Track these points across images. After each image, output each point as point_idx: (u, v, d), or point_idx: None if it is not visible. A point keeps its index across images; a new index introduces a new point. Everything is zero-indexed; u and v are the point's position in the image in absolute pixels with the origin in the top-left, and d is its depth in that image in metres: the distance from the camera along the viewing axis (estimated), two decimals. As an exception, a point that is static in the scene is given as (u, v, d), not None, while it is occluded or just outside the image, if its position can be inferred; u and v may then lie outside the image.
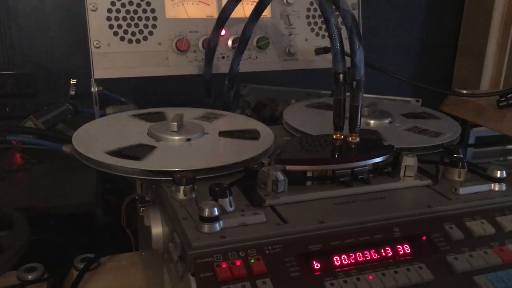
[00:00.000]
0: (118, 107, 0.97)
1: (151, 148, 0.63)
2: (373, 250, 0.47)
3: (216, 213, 0.47)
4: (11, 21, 1.06)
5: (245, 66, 0.88)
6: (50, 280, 0.69)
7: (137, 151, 0.62)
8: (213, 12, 0.86)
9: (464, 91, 0.89)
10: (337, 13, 0.61)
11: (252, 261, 0.44)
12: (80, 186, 0.86)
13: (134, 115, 0.76)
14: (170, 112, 0.76)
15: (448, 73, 1.47)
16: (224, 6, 0.79)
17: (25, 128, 0.93)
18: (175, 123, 0.66)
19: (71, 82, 1.03)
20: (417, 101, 1.06)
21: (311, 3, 0.92)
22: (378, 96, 1.06)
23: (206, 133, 0.68)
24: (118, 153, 0.61)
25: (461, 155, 0.63)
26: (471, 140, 1.20)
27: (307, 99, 1.00)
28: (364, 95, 1.03)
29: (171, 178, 0.55)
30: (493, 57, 1.32)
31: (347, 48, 0.61)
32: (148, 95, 1.11)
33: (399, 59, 1.39)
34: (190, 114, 0.75)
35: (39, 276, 0.69)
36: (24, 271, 0.69)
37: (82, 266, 0.71)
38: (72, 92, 1.04)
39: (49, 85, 1.14)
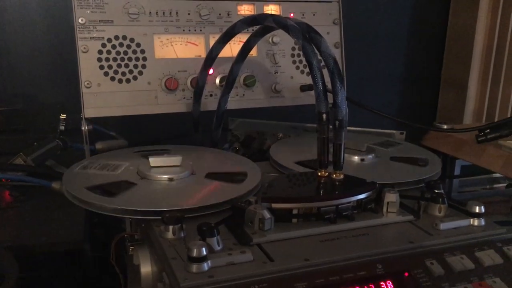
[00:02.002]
0: (107, 142, 0.98)
1: (131, 185, 0.64)
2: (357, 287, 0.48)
3: (204, 253, 0.48)
4: (1, 56, 1.08)
5: (232, 104, 0.90)
6: (39, 318, 0.69)
7: (115, 188, 0.63)
8: (201, 51, 0.88)
9: (445, 126, 0.92)
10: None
11: (239, 300, 0.45)
12: (69, 223, 0.87)
13: (136, 152, 0.77)
14: (175, 150, 0.78)
15: (433, 104, 1.50)
16: (211, 48, 0.81)
17: (14, 165, 0.93)
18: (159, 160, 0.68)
19: (60, 117, 1.05)
20: (401, 133, 1.08)
21: (296, 43, 0.95)
22: (362, 129, 1.09)
23: (193, 174, 0.70)
24: (96, 188, 0.62)
25: (442, 191, 0.65)
26: (457, 169, 1.23)
27: (293, 134, 1.02)
28: (350, 128, 1.07)
29: (159, 217, 0.56)
30: (476, 89, 1.35)
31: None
32: (138, 130, 1.13)
33: (384, 90, 1.42)
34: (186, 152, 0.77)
35: (28, 316, 0.69)
36: (12, 311, 0.69)
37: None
38: (62, 127, 1.05)
39: (39, 120, 1.15)
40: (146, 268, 0.57)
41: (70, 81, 0.95)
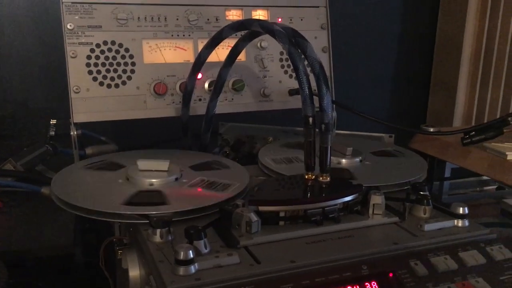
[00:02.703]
0: (98, 147, 0.98)
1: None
2: (342, 288, 0.49)
3: (191, 255, 0.49)
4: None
5: (221, 108, 0.91)
6: (28, 324, 0.69)
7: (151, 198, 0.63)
8: (189, 56, 0.89)
9: (431, 129, 0.93)
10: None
11: (225, 302, 0.46)
12: (59, 228, 0.87)
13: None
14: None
15: (423, 107, 1.51)
16: (199, 53, 0.82)
17: (3, 171, 0.93)
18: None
19: (51, 122, 1.05)
20: (390, 136, 1.10)
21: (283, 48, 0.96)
22: (351, 132, 1.10)
23: (181, 176, 0.70)
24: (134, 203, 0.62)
25: (427, 193, 0.66)
26: (447, 172, 1.24)
27: (282, 138, 1.03)
28: (339, 131, 1.08)
29: (147, 221, 0.56)
30: (465, 92, 1.37)
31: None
32: (128, 134, 1.13)
33: (374, 93, 1.43)
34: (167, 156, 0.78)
35: (17, 322, 0.69)
36: (2, 317, 0.69)
37: (60, 310, 0.71)
38: (52, 133, 1.05)
39: (29, 125, 1.15)
40: (134, 272, 0.58)
41: (60, 87, 0.95)
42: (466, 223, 0.61)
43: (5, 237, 0.83)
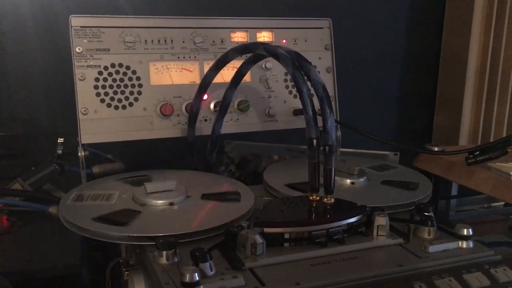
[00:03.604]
0: (104, 165, 0.99)
1: (136, 213, 0.65)
2: (347, 312, 0.49)
3: (197, 278, 0.49)
4: (0, 81, 1.10)
5: (227, 128, 0.92)
6: None
7: (122, 217, 0.64)
8: (195, 78, 0.91)
9: (435, 148, 0.93)
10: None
11: (230, 325, 0.46)
12: (66, 247, 0.87)
13: (120, 179, 0.79)
14: (156, 175, 0.79)
15: (428, 125, 1.52)
16: (205, 74, 0.83)
17: (11, 190, 0.95)
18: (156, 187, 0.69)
19: (58, 141, 1.06)
20: (395, 154, 1.10)
21: (288, 69, 0.98)
22: (356, 150, 1.10)
23: (189, 196, 0.71)
24: (103, 219, 0.63)
25: (431, 213, 0.66)
26: (454, 189, 1.24)
27: (289, 156, 1.04)
28: (344, 149, 1.08)
29: (154, 243, 0.57)
30: (470, 109, 1.37)
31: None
32: (135, 153, 1.14)
33: (379, 111, 1.44)
34: (173, 176, 0.79)
35: None
36: (8, 337, 0.69)
37: (66, 331, 0.72)
38: (60, 151, 1.06)
39: (36, 144, 1.16)
40: (140, 294, 0.58)
41: (67, 105, 0.97)
42: (471, 244, 0.61)
43: (12, 257, 0.84)
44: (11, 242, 0.89)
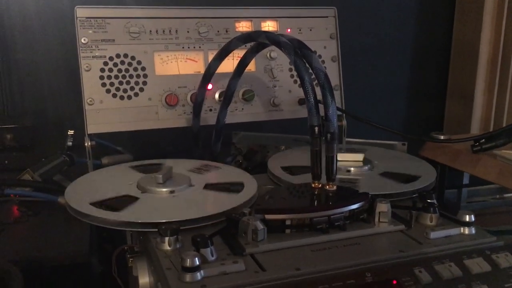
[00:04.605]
0: (113, 157, 1.01)
1: (133, 199, 0.66)
2: (346, 295, 0.50)
3: (197, 263, 0.50)
4: (12, 76, 1.11)
5: (232, 117, 0.93)
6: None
7: (119, 203, 0.65)
8: (200, 68, 0.91)
9: (442, 137, 0.93)
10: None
11: (229, 308, 0.47)
12: (75, 236, 0.88)
13: (132, 167, 0.80)
14: (168, 163, 0.80)
15: (439, 115, 1.51)
16: (209, 64, 0.84)
17: (22, 181, 0.96)
18: (161, 176, 0.69)
19: (68, 133, 1.07)
20: (403, 144, 1.10)
21: (291, 58, 0.98)
22: (364, 140, 1.10)
23: (192, 185, 0.72)
24: (100, 204, 0.64)
25: (434, 201, 0.66)
26: (465, 178, 1.23)
27: (296, 147, 1.04)
28: (350, 139, 1.08)
29: (156, 230, 0.58)
30: (482, 99, 1.36)
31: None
32: (144, 144, 1.15)
33: (390, 102, 1.43)
34: (183, 165, 0.79)
35: (33, 327, 0.71)
36: (18, 323, 0.71)
37: (74, 317, 0.73)
38: (70, 143, 1.07)
39: (47, 137, 1.18)
40: (144, 279, 0.59)
41: (77, 98, 0.98)
42: (473, 230, 0.61)
43: (22, 246, 0.85)
44: (21, 232, 0.91)
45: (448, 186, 1.25)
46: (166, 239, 0.57)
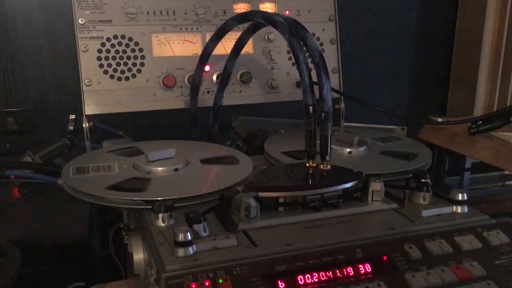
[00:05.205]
0: (114, 141, 1.01)
1: (147, 180, 0.67)
2: (336, 270, 0.50)
3: (189, 238, 0.51)
4: (14, 61, 1.12)
5: (230, 99, 0.93)
6: (42, 308, 0.72)
7: (136, 184, 0.65)
8: (198, 50, 0.91)
9: (439, 119, 0.93)
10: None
11: (220, 281, 0.47)
12: (74, 218, 0.90)
13: (109, 152, 0.80)
14: (144, 146, 0.80)
15: (442, 102, 1.50)
16: (206, 45, 0.84)
17: (22, 163, 0.97)
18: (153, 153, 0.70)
19: (70, 117, 1.08)
20: (403, 129, 1.10)
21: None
22: (363, 125, 1.10)
23: (189, 163, 0.72)
24: (118, 187, 0.64)
25: (428, 180, 0.66)
26: (468, 165, 1.23)
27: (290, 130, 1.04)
28: (350, 123, 1.08)
29: (150, 207, 0.58)
30: (485, 86, 1.35)
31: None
32: (138, 125, 1.15)
33: (392, 89, 1.43)
34: (180, 146, 0.80)
35: (32, 304, 0.72)
36: (18, 300, 0.72)
37: (73, 294, 0.74)
38: (71, 127, 1.08)
39: (48, 121, 1.19)
40: (138, 255, 0.60)
41: (79, 83, 0.99)
42: (465, 209, 0.61)
43: (23, 226, 0.87)
44: (21, 213, 0.92)
45: (450, 174, 1.25)
46: (160, 215, 0.57)
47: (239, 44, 0.81)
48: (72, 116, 1.07)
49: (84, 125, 0.86)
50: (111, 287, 0.78)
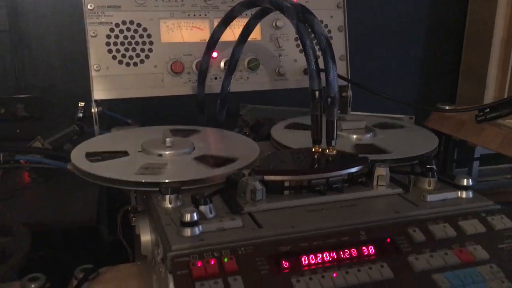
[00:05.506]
0: (123, 128, 1.02)
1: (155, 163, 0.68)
2: (339, 251, 0.51)
3: (195, 218, 0.51)
4: (22, 48, 1.13)
5: (237, 86, 0.93)
6: (52, 289, 0.74)
7: (144, 166, 0.66)
8: (205, 36, 0.91)
9: (447, 107, 0.93)
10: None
11: (225, 260, 0.48)
12: (83, 203, 0.91)
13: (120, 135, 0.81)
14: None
15: (452, 94, 1.50)
16: (213, 31, 0.84)
17: (32, 148, 0.98)
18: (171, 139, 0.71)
19: (79, 105, 1.09)
20: (410, 118, 1.09)
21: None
22: (370, 114, 1.10)
23: (195, 148, 0.73)
24: (126, 170, 0.65)
25: (433, 166, 0.66)
26: (476, 155, 1.23)
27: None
28: (356, 112, 1.08)
29: (157, 189, 0.59)
30: (495, 78, 1.35)
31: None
32: (146, 111, 1.16)
33: (401, 80, 1.43)
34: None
35: (41, 286, 0.73)
36: (28, 281, 0.74)
37: (81, 276, 0.76)
38: (80, 114, 1.09)
39: (57, 108, 1.20)
40: (145, 237, 0.60)
41: (86, 70, 1.00)
42: (470, 194, 0.61)
43: (33, 210, 0.88)
44: (31, 197, 0.94)
45: (458, 165, 1.25)
46: (167, 197, 0.58)
47: (247, 30, 0.82)
48: (82, 104, 1.08)
49: (93, 110, 0.87)
50: (120, 270, 0.79)
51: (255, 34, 0.91)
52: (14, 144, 1.06)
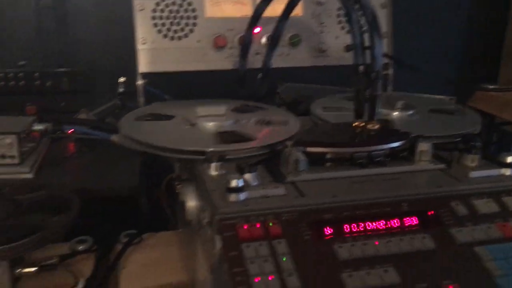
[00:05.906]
0: (161, 103, 1.04)
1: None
2: (382, 221, 0.52)
3: (241, 184, 0.53)
4: (67, 22, 1.16)
5: (278, 62, 0.94)
6: (98, 251, 0.77)
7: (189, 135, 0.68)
8: (248, 11, 0.92)
9: (491, 87, 0.91)
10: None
11: (270, 224, 0.50)
12: (126, 172, 0.94)
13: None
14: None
15: (494, 77, 1.46)
16: (257, 6, 0.85)
17: (78, 119, 1.02)
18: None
19: (119, 80, 1.12)
20: (451, 99, 1.08)
21: (341, 3, 0.97)
22: (410, 94, 1.09)
23: (239, 120, 0.75)
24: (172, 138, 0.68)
25: (477, 143, 0.66)
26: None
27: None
28: (400, 92, 1.07)
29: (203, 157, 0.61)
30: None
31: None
32: (185, 85, 1.17)
33: (442, 64, 1.40)
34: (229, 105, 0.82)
35: (88, 248, 0.78)
36: (76, 243, 0.78)
37: (125, 241, 0.79)
38: (121, 90, 1.12)
39: (100, 82, 1.23)
40: (191, 202, 0.63)
41: (126, 47, 1.02)
42: (514, 172, 0.61)
43: (80, 178, 0.92)
44: (77, 166, 0.98)
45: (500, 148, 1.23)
46: (213, 165, 0.60)
47: (291, 5, 0.82)
48: (122, 79, 1.11)
49: (137, 82, 0.89)
50: (162, 236, 0.83)
51: (297, 10, 0.91)
52: (60, 115, 1.09)
